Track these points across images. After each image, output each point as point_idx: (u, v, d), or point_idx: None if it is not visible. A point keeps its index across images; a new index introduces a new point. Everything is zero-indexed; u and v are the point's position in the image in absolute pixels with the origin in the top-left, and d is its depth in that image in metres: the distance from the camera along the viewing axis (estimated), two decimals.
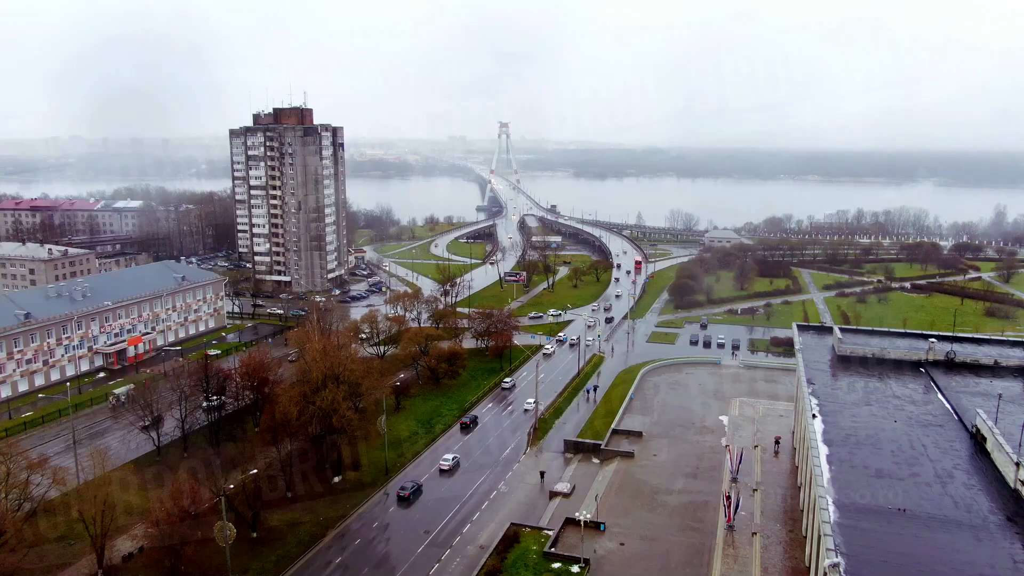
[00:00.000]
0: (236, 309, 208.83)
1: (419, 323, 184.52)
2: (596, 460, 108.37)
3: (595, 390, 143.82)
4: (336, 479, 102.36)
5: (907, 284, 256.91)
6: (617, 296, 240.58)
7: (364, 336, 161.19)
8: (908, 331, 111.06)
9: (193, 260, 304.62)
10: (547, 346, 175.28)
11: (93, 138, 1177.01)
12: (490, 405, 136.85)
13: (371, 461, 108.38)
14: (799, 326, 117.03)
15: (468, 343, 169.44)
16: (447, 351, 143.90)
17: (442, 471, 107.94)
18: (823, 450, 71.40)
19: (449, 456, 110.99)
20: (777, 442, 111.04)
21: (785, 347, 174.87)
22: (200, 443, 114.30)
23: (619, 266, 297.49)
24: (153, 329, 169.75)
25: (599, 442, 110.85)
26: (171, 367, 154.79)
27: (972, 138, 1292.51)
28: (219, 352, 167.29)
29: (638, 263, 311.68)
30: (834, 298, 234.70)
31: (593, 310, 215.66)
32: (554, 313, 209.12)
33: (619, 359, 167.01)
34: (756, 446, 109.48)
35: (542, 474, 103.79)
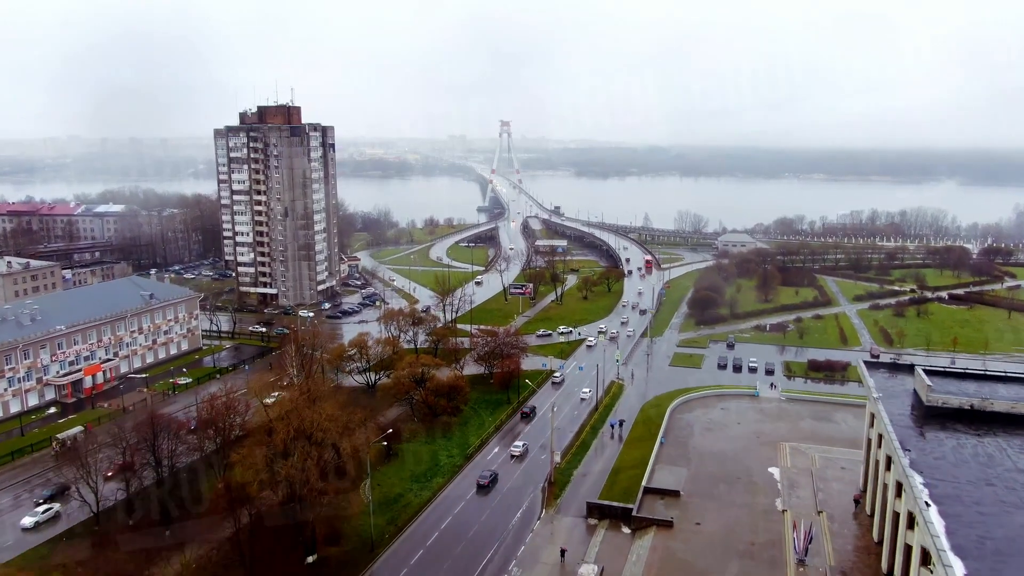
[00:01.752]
0: (215, 327, 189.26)
1: (415, 344, 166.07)
2: (627, 530, 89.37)
3: (620, 425, 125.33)
4: (310, 559, 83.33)
5: (943, 294, 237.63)
6: (638, 294, 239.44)
7: (352, 362, 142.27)
8: (1010, 373, 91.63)
9: (176, 268, 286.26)
10: (590, 339, 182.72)
11: (92, 138, 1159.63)
12: (496, 450, 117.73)
13: (354, 530, 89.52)
14: (868, 363, 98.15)
15: (470, 368, 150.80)
16: (446, 383, 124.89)
17: (513, 456, 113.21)
18: (958, 567, 52.41)
19: (520, 443, 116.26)
20: (857, 502, 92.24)
21: (825, 372, 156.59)
22: (151, 502, 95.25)
23: (629, 260, 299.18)
24: (115, 355, 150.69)
25: (629, 506, 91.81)
26: (133, 400, 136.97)
27: (974, 136, 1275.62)
28: (189, 380, 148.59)
29: (648, 263, 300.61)
30: (868, 311, 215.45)
31: (624, 321, 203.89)
32: (564, 331, 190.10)
33: (640, 387, 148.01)
34: (821, 512, 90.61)
35: (563, 552, 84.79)
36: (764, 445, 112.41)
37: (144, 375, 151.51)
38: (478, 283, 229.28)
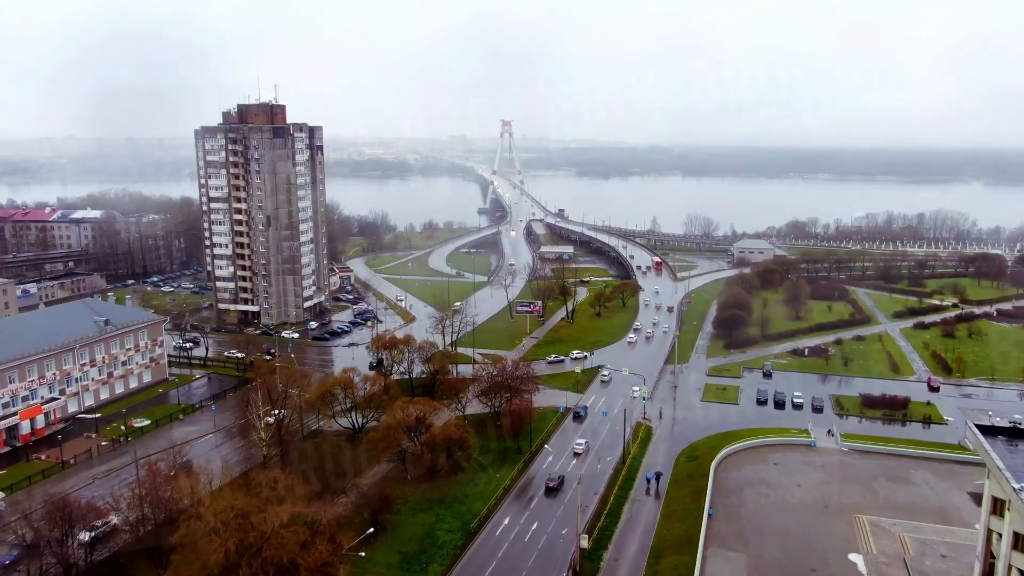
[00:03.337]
0: (185, 352, 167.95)
1: (410, 374, 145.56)
2: None
3: (657, 479, 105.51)
4: None
5: (990, 309, 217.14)
6: (655, 292, 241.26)
7: (336, 403, 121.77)
8: None
9: (155, 280, 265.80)
10: (630, 335, 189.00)
11: (88, 138, 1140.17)
12: (506, 520, 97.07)
13: None
14: (981, 428, 77.20)
15: (473, 406, 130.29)
16: (446, 435, 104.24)
17: (576, 454, 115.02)
18: None
19: (581, 441, 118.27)
20: None
21: (883, 410, 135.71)
22: None
23: (634, 257, 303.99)
24: (62, 393, 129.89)
25: None
26: (76, 449, 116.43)
27: (977, 135, 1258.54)
28: (147, 423, 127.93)
29: (658, 264, 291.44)
30: (913, 331, 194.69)
31: (655, 321, 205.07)
32: (578, 355, 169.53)
33: (672, 429, 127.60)
34: None
35: None
36: (836, 518, 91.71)
37: (96, 415, 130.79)
38: (455, 309, 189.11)
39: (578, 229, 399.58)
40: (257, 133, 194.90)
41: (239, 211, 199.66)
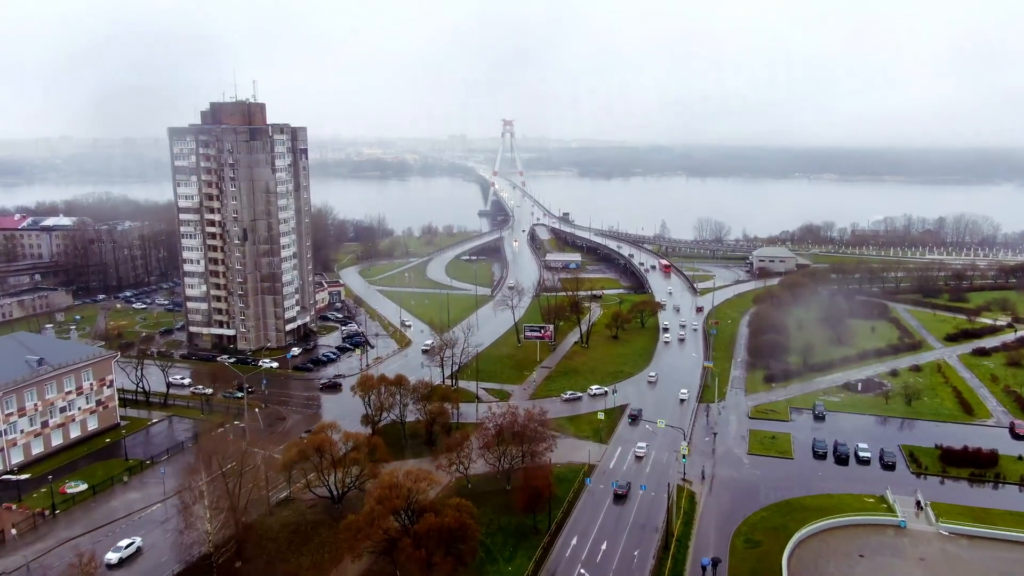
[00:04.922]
0: (143, 386, 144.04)
1: (402, 420, 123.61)
2: None
3: (715, 568, 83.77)
4: None
5: None
6: (668, 293, 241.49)
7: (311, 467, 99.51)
8: None
9: (127, 295, 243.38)
10: (665, 336, 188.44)
11: (84, 138, 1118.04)
12: None
13: None
14: None
15: (477, 464, 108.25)
16: (446, 524, 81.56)
17: (638, 457, 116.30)
18: None
19: (643, 444, 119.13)
20: None
21: (970, 469, 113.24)
22: None
23: (633, 256, 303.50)
24: None
25: None
26: None
27: (981, 135, 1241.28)
28: (83, 488, 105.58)
29: (666, 267, 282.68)
30: (973, 358, 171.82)
31: (683, 324, 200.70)
32: (596, 390, 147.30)
33: (719, 495, 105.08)
34: None
35: None
36: None
37: (23, 476, 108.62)
38: (425, 350, 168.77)
39: (585, 235, 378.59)
40: (231, 135, 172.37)
41: (212, 223, 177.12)
